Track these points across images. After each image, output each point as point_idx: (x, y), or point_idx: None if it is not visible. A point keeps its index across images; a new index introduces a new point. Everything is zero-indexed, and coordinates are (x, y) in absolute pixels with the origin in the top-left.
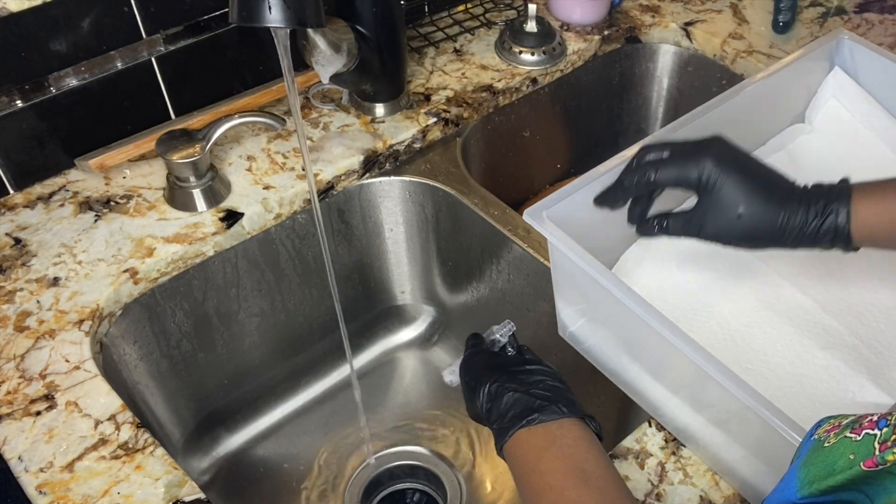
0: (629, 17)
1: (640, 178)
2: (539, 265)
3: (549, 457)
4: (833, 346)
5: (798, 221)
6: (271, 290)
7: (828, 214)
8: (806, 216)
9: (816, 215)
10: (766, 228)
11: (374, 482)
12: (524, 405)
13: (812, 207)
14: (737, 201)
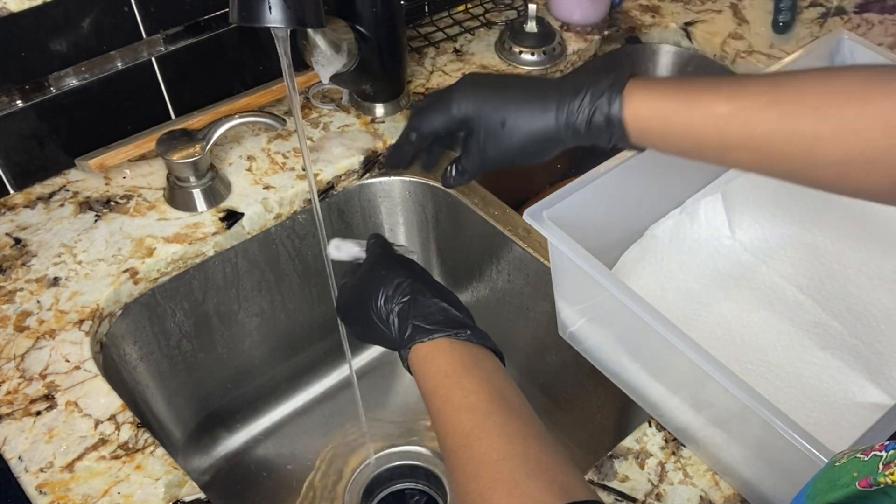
0: (629, 17)
1: (410, 131)
2: (539, 265)
3: (472, 376)
4: (833, 346)
5: (565, 114)
6: (271, 290)
7: (597, 105)
8: (575, 107)
9: (586, 105)
10: (535, 129)
11: (374, 482)
12: (451, 317)
13: (581, 98)
14: (496, 113)
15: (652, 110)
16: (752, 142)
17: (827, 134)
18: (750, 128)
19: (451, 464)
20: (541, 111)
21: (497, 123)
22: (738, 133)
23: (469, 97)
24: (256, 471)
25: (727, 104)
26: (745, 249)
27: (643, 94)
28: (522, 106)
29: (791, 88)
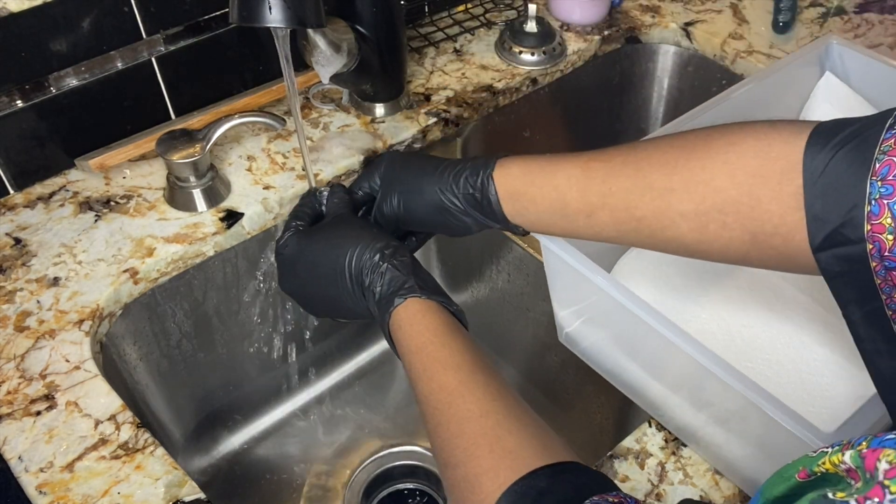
0: (629, 18)
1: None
2: (539, 265)
3: (459, 337)
4: (832, 343)
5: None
6: (271, 289)
7: (472, 167)
8: (453, 170)
9: (463, 169)
10: (422, 186)
11: (374, 482)
12: (435, 284)
13: (461, 164)
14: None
15: (519, 170)
16: (612, 200)
17: (678, 185)
18: (607, 185)
19: (434, 421)
20: (429, 173)
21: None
22: (598, 191)
23: (382, 165)
24: (256, 471)
25: (586, 164)
26: None
27: (514, 159)
28: (415, 170)
29: (641, 148)
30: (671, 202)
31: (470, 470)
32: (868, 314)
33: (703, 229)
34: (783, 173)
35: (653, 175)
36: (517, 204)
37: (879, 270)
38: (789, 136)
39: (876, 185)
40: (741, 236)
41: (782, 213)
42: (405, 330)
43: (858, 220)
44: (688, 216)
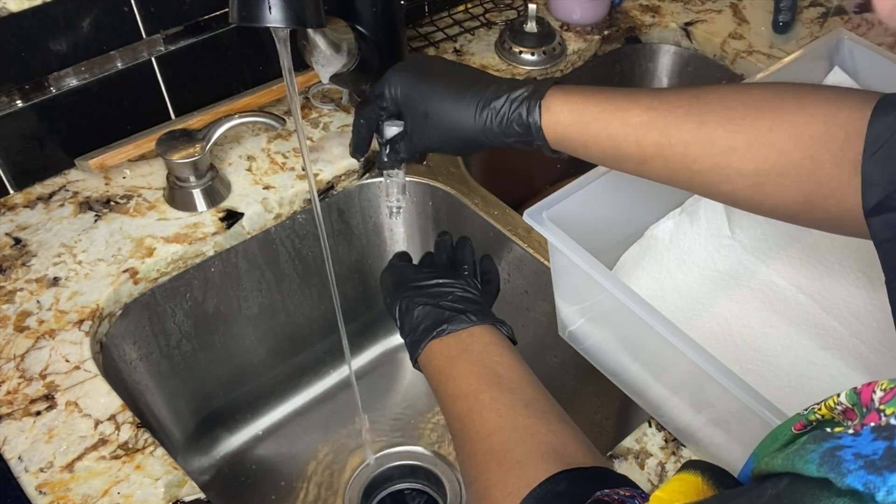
0: (629, 17)
1: (358, 118)
2: (539, 265)
3: (460, 364)
4: (833, 347)
5: (484, 118)
6: (271, 290)
7: (516, 111)
8: (495, 112)
9: (505, 111)
10: (454, 126)
11: (374, 482)
12: (434, 318)
13: (501, 103)
14: (420, 103)
15: (571, 117)
16: (669, 151)
17: (741, 145)
18: (667, 137)
19: (455, 446)
20: (461, 110)
21: (421, 113)
22: (656, 142)
23: (398, 84)
24: (256, 471)
25: (645, 113)
26: (745, 249)
27: (562, 102)
28: (444, 100)
29: (707, 100)
30: (731, 160)
31: (482, 484)
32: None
33: (758, 188)
34: (847, 139)
35: (716, 131)
36: (567, 146)
37: None
38: (857, 103)
39: None
40: (795, 197)
41: (840, 177)
42: (427, 380)
43: None
44: (746, 175)
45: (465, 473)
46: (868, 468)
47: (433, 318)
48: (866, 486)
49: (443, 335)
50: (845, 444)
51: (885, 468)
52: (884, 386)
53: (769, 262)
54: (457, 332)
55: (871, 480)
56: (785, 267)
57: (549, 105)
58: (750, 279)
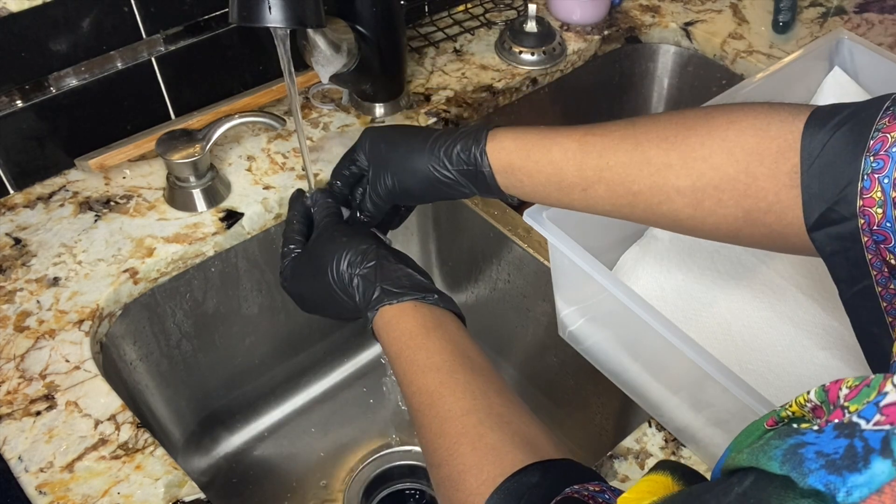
0: (629, 17)
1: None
2: (539, 265)
3: (435, 336)
4: (833, 347)
5: (435, 150)
6: (271, 290)
7: (464, 141)
8: (445, 144)
9: (455, 142)
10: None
11: (374, 482)
12: (417, 282)
13: (452, 137)
14: (382, 145)
15: (514, 144)
16: (609, 174)
17: (676, 161)
18: (604, 159)
19: (417, 423)
20: (418, 148)
21: (383, 161)
22: (595, 165)
23: (367, 137)
24: (256, 471)
25: (583, 138)
26: (745, 249)
27: (507, 131)
28: (404, 144)
29: (641, 123)
30: (668, 177)
31: (454, 468)
32: (857, 293)
33: (697, 205)
34: (780, 152)
35: (651, 150)
36: (512, 177)
37: (870, 245)
38: (787, 116)
39: (868, 160)
40: (735, 213)
41: (777, 190)
42: (383, 339)
43: (851, 196)
44: (684, 192)
45: (432, 453)
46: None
47: (415, 282)
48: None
49: (427, 301)
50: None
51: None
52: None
53: (769, 261)
54: (435, 305)
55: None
56: (785, 267)
57: (495, 134)
58: (750, 279)
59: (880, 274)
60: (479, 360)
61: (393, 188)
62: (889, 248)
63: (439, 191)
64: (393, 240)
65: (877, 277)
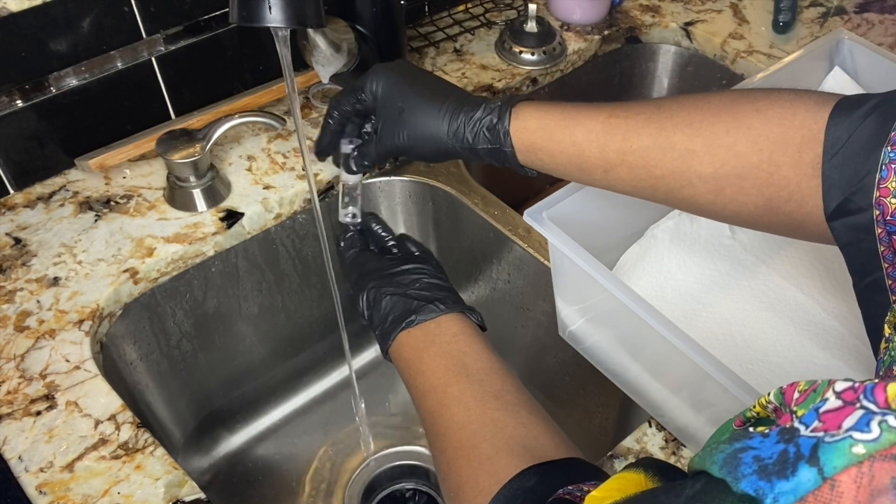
0: (629, 17)
1: (331, 110)
2: (539, 265)
3: (428, 357)
4: (833, 347)
5: (457, 123)
6: (271, 290)
7: (487, 118)
8: (467, 118)
9: (477, 118)
10: (426, 128)
11: (374, 482)
12: (402, 308)
13: (475, 110)
14: (398, 100)
15: (537, 123)
16: (632, 157)
17: (700, 148)
18: (628, 143)
19: (428, 441)
20: (436, 113)
21: (396, 111)
22: (618, 148)
23: (380, 81)
24: (256, 471)
25: (607, 120)
26: (745, 249)
27: (531, 109)
28: (421, 103)
29: (667, 107)
30: (691, 164)
31: (454, 481)
32: (868, 285)
33: (719, 192)
34: (804, 141)
35: (675, 136)
36: (533, 156)
37: (883, 237)
38: (813, 106)
39: (887, 151)
40: (756, 201)
41: (799, 180)
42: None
43: (869, 186)
44: (706, 178)
45: (438, 469)
46: (760, 473)
47: (401, 309)
48: (757, 492)
49: (411, 326)
50: (753, 445)
51: (774, 474)
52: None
53: (769, 261)
54: (425, 322)
55: (761, 486)
56: (785, 267)
57: (518, 112)
58: (750, 279)
59: (891, 266)
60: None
61: (406, 148)
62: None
63: (453, 157)
64: None
65: (888, 270)
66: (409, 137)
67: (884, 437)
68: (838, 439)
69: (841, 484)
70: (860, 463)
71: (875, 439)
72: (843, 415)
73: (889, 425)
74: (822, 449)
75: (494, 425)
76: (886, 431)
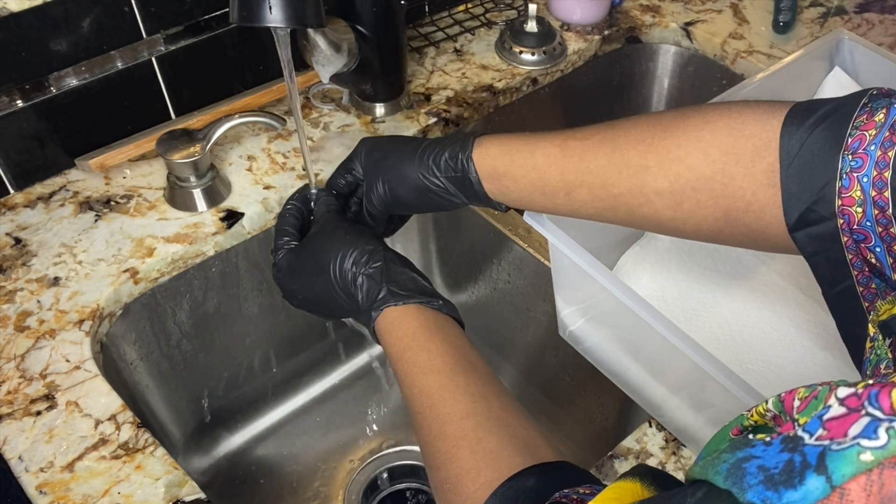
0: (629, 17)
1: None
2: (539, 265)
3: (438, 339)
4: (833, 347)
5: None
6: (271, 290)
7: (451, 148)
8: (434, 151)
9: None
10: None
11: (374, 482)
12: (420, 286)
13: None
14: (378, 164)
15: (498, 150)
16: (590, 177)
17: (653, 163)
18: (585, 163)
19: (417, 424)
20: (406, 153)
21: (375, 166)
22: (576, 169)
23: (363, 147)
24: (256, 471)
25: (564, 143)
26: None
27: (492, 138)
28: (394, 148)
29: (620, 127)
30: (646, 180)
31: (452, 471)
32: (839, 294)
33: (677, 207)
34: (756, 151)
35: (629, 153)
36: (498, 183)
37: (850, 245)
38: (762, 115)
39: (847, 159)
40: (714, 213)
41: (754, 189)
42: (385, 339)
43: (830, 196)
44: (662, 194)
45: (431, 456)
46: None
47: (420, 286)
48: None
49: (431, 306)
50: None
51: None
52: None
53: (769, 261)
54: (435, 308)
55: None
56: (785, 266)
57: (481, 142)
58: (750, 279)
59: (861, 274)
60: (480, 365)
61: (385, 197)
62: (870, 248)
63: (430, 199)
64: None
65: (857, 277)
66: (385, 183)
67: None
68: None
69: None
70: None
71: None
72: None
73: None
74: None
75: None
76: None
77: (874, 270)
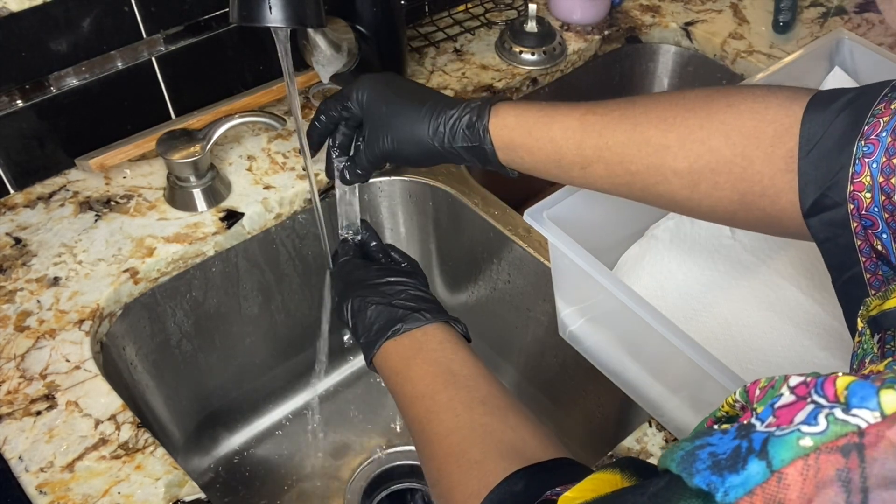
0: (629, 17)
1: (319, 114)
2: (539, 265)
3: (416, 364)
4: (833, 347)
5: (438, 121)
6: (271, 290)
7: (466, 115)
8: (448, 116)
9: (457, 115)
10: (409, 130)
11: (374, 482)
12: (388, 317)
13: (455, 109)
14: (383, 107)
15: (516, 121)
16: (608, 153)
17: (674, 143)
18: (604, 139)
19: (416, 448)
20: (418, 114)
21: (381, 116)
22: (594, 144)
23: (365, 89)
24: (256, 471)
25: (583, 117)
26: (745, 249)
27: (509, 108)
28: (404, 105)
29: (642, 104)
30: (665, 159)
31: (444, 486)
32: (847, 281)
33: (694, 187)
34: (776, 136)
35: (650, 131)
36: (513, 154)
37: (859, 231)
38: (785, 100)
39: (860, 145)
40: (730, 196)
41: (772, 174)
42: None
43: (843, 181)
44: (681, 174)
45: (428, 475)
46: (713, 468)
47: (387, 318)
48: (709, 486)
49: (397, 335)
50: (712, 441)
51: (726, 468)
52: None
53: (769, 261)
54: (411, 331)
55: (713, 481)
56: (785, 267)
57: (497, 110)
58: (750, 279)
59: (869, 260)
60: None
61: (392, 152)
62: (876, 234)
63: (438, 159)
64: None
65: (865, 264)
66: (393, 140)
67: (830, 430)
68: (787, 433)
69: (787, 476)
70: (807, 455)
71: (822, 432)
72: (796, 409)
73: (836, 418)
74: (772, 443)
75: (483, 430)
76: (833, 424)
77: (881, 257)
